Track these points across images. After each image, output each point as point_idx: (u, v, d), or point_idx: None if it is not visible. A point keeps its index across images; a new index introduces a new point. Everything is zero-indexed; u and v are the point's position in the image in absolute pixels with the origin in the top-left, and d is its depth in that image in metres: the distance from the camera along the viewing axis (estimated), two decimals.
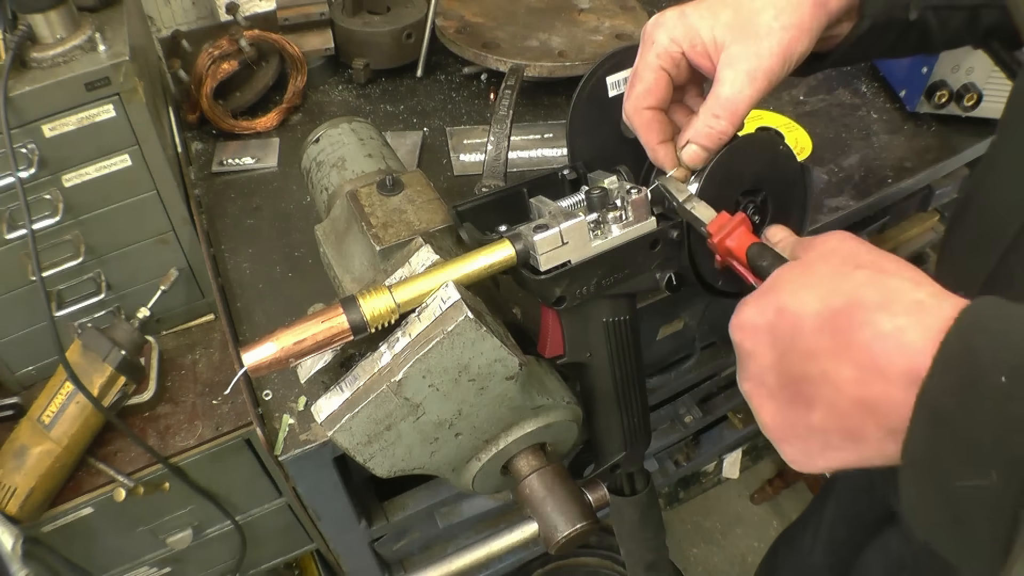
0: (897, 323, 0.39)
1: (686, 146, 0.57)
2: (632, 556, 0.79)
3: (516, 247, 0.57)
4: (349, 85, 1.24)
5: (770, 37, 0.53)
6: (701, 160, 0.58)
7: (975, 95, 1.05)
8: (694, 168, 0.59)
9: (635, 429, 0.69)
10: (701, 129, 0.56)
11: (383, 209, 0.68)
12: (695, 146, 0.57)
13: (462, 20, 1.20)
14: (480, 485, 0.64)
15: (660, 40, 0.57)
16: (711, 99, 0.55)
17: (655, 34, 0.57)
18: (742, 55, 0.54)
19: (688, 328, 1.13)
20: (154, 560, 1.04)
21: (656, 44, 0.57)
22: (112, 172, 0.82)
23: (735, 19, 0.54)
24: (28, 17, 0.75)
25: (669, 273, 0.63)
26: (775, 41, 0.53)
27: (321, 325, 0.51)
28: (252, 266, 0.95)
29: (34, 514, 0.82)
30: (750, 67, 0.53)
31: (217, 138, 1.13)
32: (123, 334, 0.84)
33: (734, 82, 0.54)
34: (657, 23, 0.57)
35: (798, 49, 0.54)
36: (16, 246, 0.80)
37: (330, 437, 0.54)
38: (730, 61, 0.54)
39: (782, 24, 0.53)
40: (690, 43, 0.56)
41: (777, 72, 0.54)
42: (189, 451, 0.89)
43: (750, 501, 2.06)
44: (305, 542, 1.18)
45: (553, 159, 1.09)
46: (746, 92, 0.54)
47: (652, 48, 0.57)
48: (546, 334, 0.63)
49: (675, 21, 0.56)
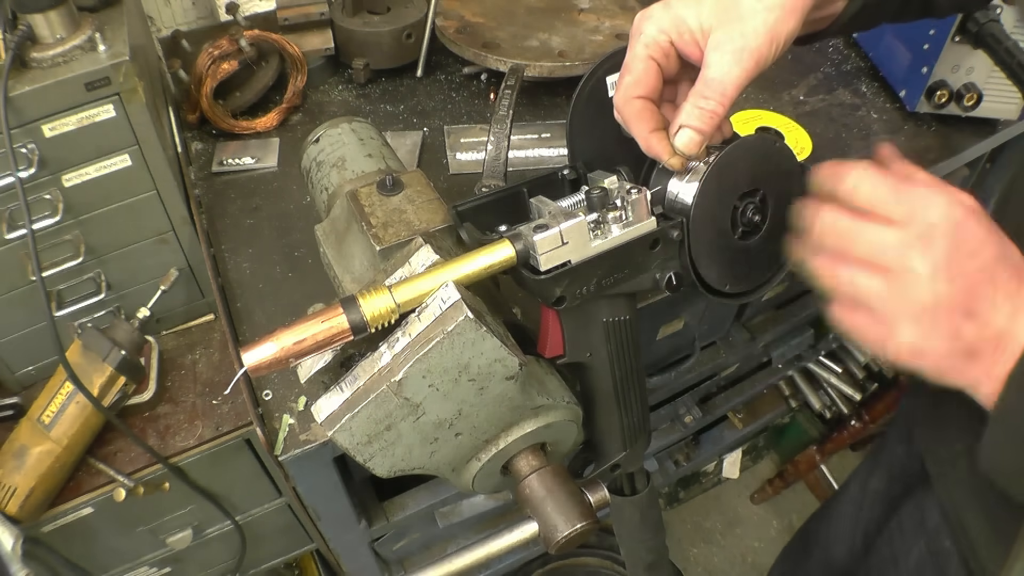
0: None
1: (679, 131, 0.57)
2: (632, 556, 0.79)
3: (516, 247, 0.57)
4: (349, 85, 1.24)
5: (755, 18, 0.54)
6: (696, 144, 0.57)
7: (975, 95, 1.05)
8: (689, 155, 0.58)
9: (635, 429, 0.69)
10: (691, 111, 0.56)
11: (383, 209, 0.68)
12: (688, 130, 0.56)
13: (462, 20, 1.20)
14: (480, 485, 0.64)
15: (648, 31, 0.57)
16: (699, 83, 0.56)
17: (642, 26, 0.58)
18: (727, 38, 0.54)
19: (688, 328, 1.13)
20: (154, 560, 1.04)
21: (644, 35, 0.57)
22: (112, 172, 0.82)
23: (718, 4, 0.55)
24: (28, 17, 0.75)
25: (669, 273, 0.63)
26: (760, 21, 0.54)
27: (321, 325, 0.51)
28: (252, 266, 0.95)
29: (34, 514, 0.82)
30: (735, 47, 0.54)
31: (217, 138, 1.13)
32: (123, 334, 0.84)
33: (720, 64, 0.54)
34: (644, 16, 0.58)
35: (785, 29, 0.55)
36: (16, 246, 0.80)
37: (330, 437, 0.54)
38: (716, 45, 0.55)
39: (766, 5, 0.54)
40: (677, 32, 0.57)
41: (765, 53, 0.54)
42: (189, 451, 0.89)
43: (750, 501, 2.07)
44: (305, 542, 1.18)
45: (552, 159, 1.09)
46: (733, 72, 0.54)
47: (640, 39, 0.58)
48: (546, 334, 0.63)
49: (661, 12, 0.57)
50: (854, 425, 1.81)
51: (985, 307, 0.48)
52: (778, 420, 1.83)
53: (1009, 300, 0.48)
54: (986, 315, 0.48)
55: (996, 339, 0.48)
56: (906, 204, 0.50)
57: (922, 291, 0.49)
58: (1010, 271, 0.48)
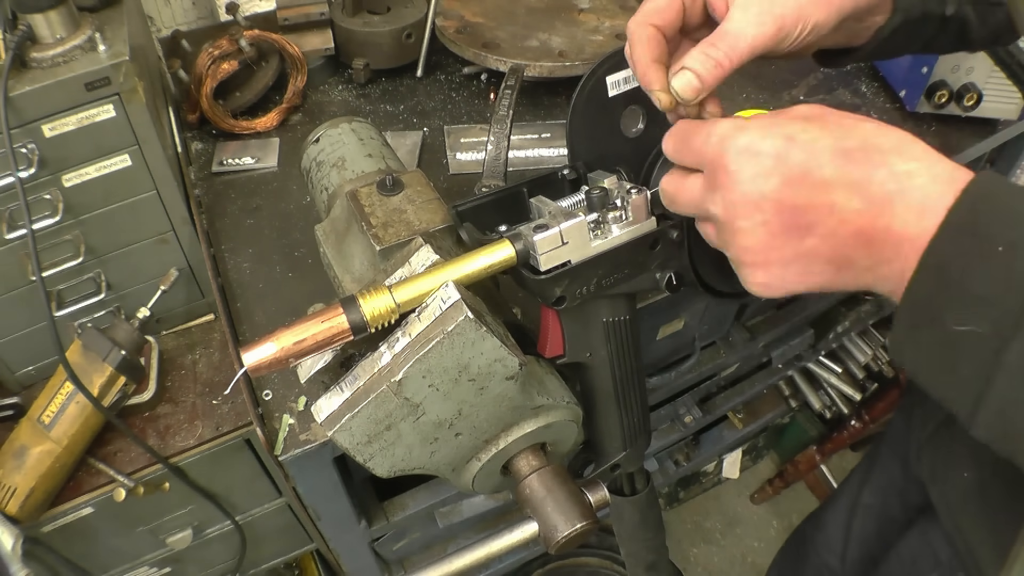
0: (909, 167, 0.43)
1: (680, 72, 0.54)
2: (632, 556, 0.79)
3: (516, 247, 0.57)
4: (349, 85, 1.24)
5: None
6: (693, 90, 0.53)
7: (975, 95, 1.05)
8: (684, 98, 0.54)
9: (635, 429, 0.69)
10: (697, 55, 0.53)
11: (383, 209, 0.68)
12: (689, 72, 0.53)
13: (462, 20, 1.20)
14: (480, 485, 0.64)
15: None
16: (714, 33, 0.54)
17: None
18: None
19: (688, 328, 1.13)
20: (154, 560, 1.04)
21: None
22: (112, 172, 0.82)
23: None
24: (28, 17, 0.75)
25: (669, 273, 0.63)
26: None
27: (321, 325, 0.51)
28: (252, 266, 0.95)
29: (34, 514, 0.82)
30: (761, 10, 0.52)
31: (217, 138, 1.13)
32: (123, 334, 0.84)
33: (740, 20, 0.53)
34: None
35: (816, 14, 0.53)
36: (16, 246, 0.80)
37: (330, 437, 0.54)
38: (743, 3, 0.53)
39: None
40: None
41: (788, 27, 0.53)
42: (189, 451, 0.89)
43: (750, 501, 2.07)
44: (305, 542, 1.18)
45: (552, 159, 1.09)
46: (750, 31, 0.52)
47: None
48: (546, 334, 0.63)
49: None
50: (854, 425, 1.81)
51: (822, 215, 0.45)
52: (778, 420, 1.83)
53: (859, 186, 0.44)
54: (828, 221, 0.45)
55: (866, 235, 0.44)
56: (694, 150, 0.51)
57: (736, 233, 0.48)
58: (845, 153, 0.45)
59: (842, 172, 0.44)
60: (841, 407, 1.75)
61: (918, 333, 0.43)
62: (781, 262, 0.48)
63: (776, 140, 0.46)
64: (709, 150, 0.49)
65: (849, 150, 0.45)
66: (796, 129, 0.46)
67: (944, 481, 0.78)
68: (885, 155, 0.44)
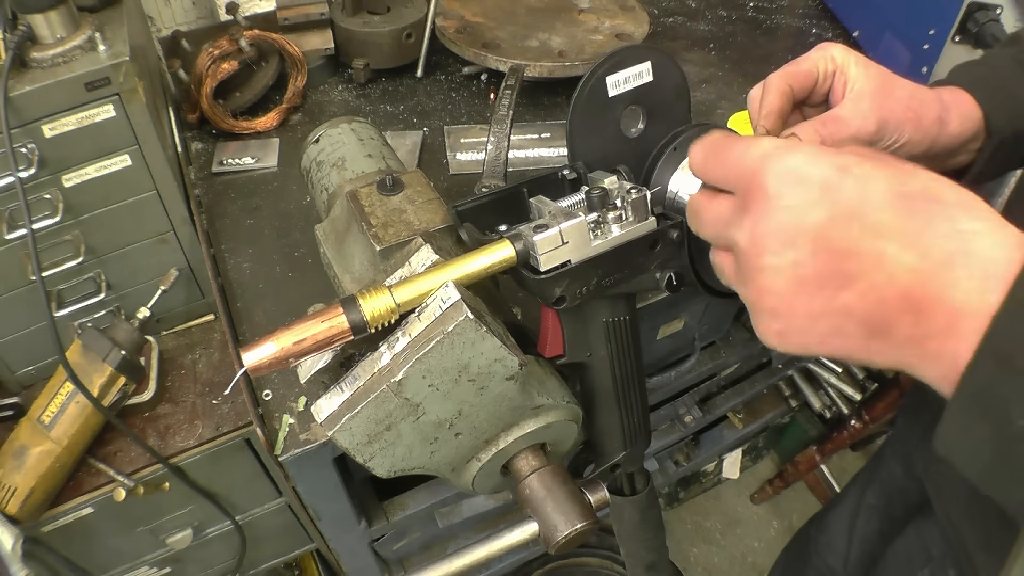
0: (975, 227, 0.37)
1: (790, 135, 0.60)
2: (632, 556, 0.79)
3: (516, 247, 0.57)
4: (349, 85, 1.24)
5: (898, 104, 0.60)
6: None
7: None
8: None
9: (635, 429, 0.69)
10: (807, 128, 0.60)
11: (383, 209, 0.68)
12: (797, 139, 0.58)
13: (462, 20, 1.20)
14: (480, 485, 0.64)
15: (831, 52, 0.62)
16: (828, 112, 0.61)
17: (829, 47, 0.63)
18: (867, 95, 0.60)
19: (688, 328, 1.13)
20: (154, 560, 1.04)
21: (825, 52, 0.62)
22: (112, 172, 0.82)
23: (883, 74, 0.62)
24: (28, 17, 0.75)
25: (669, 273, 0.63)
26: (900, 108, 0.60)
27: (321, 325, 0.51)
28: (252, 266, 0.95)
29: (34, 514, 0.82)
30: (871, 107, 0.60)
31: (217, 138, 1.13)
32: (123, 334, 0.84)
33: (850, 110, 0.60)
34: (835, 44, 0.63)
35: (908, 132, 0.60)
36: (16, 246, 0.80)
37: (330, 437, 0.54)
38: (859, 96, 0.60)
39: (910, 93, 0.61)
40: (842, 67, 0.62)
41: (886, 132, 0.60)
42: (189, 451, 0.89)
43: (750, 501, 2.07)
44: (305, 542, 1.18)
45: (552, 159, 1.09)
46: (855, 123, 0.59)
47: (821, 53, 0.62)
48: (546, 334, 0.63)
49: (846, 51, 0.62)
50: (854, 425, 1.81)
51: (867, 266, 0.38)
52: (778, 420, 1.83)
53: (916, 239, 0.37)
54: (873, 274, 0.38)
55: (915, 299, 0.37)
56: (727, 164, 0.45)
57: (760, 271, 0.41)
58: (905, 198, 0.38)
59: (899, 219, 0.38)
60: (841, 407, 1.74)
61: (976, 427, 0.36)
62: (808, 315, 0.40)
63: (827, 169, 0.40)
64: (746, 166, 0.43)
65: (910, 195, 0.38)
66: (851, 161, 0.40)
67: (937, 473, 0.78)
68: (949, 208, 0.37)
